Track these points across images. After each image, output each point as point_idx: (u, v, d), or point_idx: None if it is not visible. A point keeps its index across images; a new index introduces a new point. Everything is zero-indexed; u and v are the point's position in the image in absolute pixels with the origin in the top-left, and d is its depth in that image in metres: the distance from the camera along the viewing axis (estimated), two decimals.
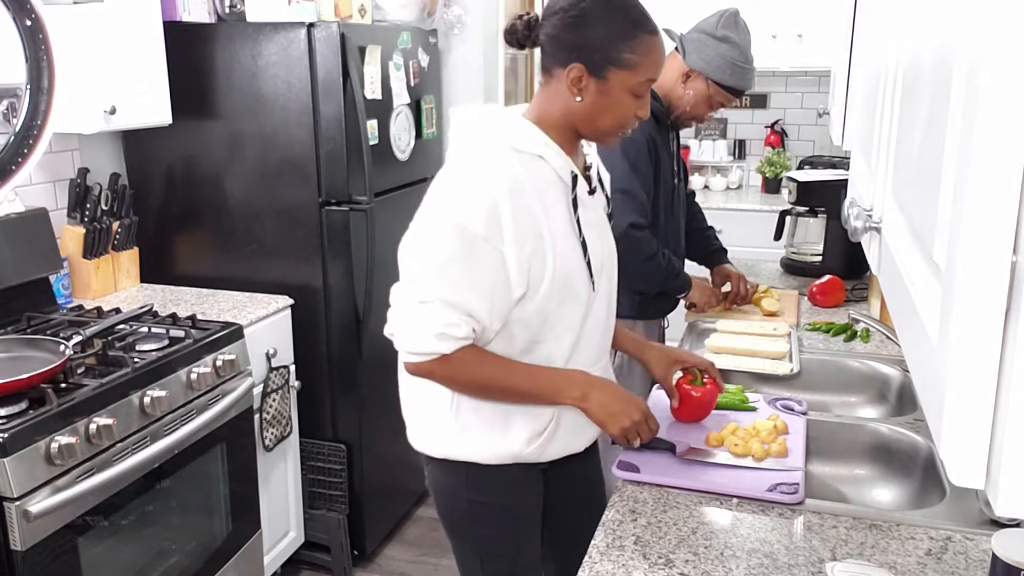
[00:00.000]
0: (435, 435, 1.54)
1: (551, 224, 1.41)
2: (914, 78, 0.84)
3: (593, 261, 1.47)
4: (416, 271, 1.40)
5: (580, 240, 1.46)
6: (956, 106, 0.60)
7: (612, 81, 1.40)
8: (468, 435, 1.50)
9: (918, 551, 1.29)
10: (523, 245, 1.37)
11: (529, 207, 1.38)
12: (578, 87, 1.41)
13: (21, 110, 2.22)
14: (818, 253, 2.88)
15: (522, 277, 1.39)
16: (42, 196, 2.55)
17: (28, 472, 1.69)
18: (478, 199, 1.35)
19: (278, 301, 2.65)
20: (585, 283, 1.47)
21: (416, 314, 1.39)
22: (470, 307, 1.37)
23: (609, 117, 1.43)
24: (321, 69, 2.60)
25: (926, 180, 0.70)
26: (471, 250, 1.35)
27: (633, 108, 1.44)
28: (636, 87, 1.41)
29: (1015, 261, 0.52)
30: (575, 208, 1.45)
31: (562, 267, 1.42)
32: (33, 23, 2.19)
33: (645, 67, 1.40)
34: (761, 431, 1.63)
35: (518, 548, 1.61)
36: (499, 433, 1.49)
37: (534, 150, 1.43)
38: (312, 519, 2.85)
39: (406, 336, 1.41)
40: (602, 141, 1.50)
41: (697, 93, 2.20)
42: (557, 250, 1.41)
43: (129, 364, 1.99)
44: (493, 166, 1.39)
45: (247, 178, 2.75)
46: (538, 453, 1.52)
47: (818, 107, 4.60)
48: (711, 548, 1.31)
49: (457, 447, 1.52)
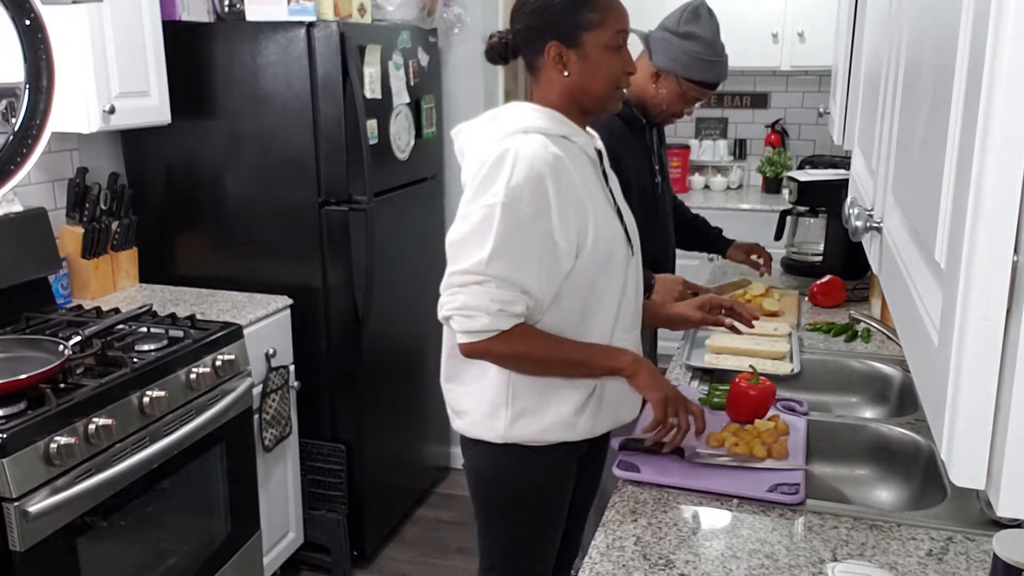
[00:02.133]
0: (492, 422, 1.58)
1: (590, 195, 1.50)
2: (914, 77, 0.83)
3: (628, 229, 1.58)
4: (469, 254, 1.43)
5: (615, 209, 1.57)
6: (957, 105, 0.60)
7: (587, 45, 1.50)
8: (523, 419, 1.56)
9: (919, 551, 1.29)
10: (569, 219, 1.45)
11: (570, 182, 1.46)
12: (561, 63, 1.51)
13: (20, 110, 2.22)
14: (819, 253, 2.88)
15: (571, 249, 1.47)
16: (41, 196, 2.55)
17: (27, 472, 1.69)
18: (523, 178, 1.42)
19: (278, 301, 2.65)
20: (624, 249, 1.57)
21: (473, 294, 1.43)
22: (525, 283, 1.43)
23: (600, 80, 1.52)
24: (321, 69, 2.60)
25: (926, 180, 0.70)
26: (521, 228, 1.41)
27: (619, 65, 1.52)
28: (610, 41, 1.50)
29: (1016, 261, 0.52)
30: (606, 180, 1.57)
31: (604, 235, 1.51)
32: (32, 23, 2.18)
33: (611, 20, 1.50)
34: (762, 431, 1.62)
35: (546, 534, 1.69)
36: (554, 407, 1.56)
37: (559, 131, 1.51)
38: (312, 519, 2.85)
39: (465, 317, 1.44)
40: (606, 107, 1.58)
41: (670, 91, 2.20)
42: (598, 219, 1.50)
43: (128, 364, 1.98)
44: (532, 146, 1.45)
45: (246, 178, 2.75)
46: (591, 423, 1.59)
47: (818, 107, 4.58)
48: (711, 549, 1.30)
49: (517, 429, 1.57)
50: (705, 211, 2.78)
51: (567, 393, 1.56)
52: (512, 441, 1.58)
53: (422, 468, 3.39)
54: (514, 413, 1.56)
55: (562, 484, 1.67)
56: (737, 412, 1.72)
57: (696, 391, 1.88)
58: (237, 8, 2.76)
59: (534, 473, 1.62)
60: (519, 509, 1.66)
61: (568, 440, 1.59)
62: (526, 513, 1.66)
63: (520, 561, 1.70)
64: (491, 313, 1.42)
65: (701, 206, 2.72)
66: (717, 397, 1.80)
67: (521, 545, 1.69)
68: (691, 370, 2.08)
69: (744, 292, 2.58)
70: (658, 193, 2.38)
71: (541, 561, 1.71)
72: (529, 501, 1.65)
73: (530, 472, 1.62)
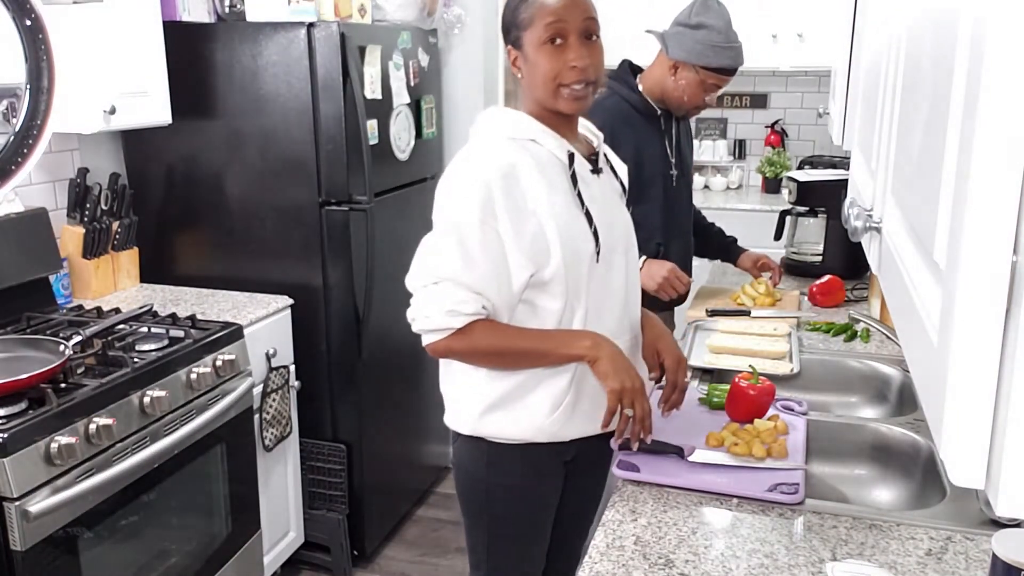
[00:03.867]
0: (463, 412, 1.61)
1: (553, 199, 1.48)
2: (914, 77, 0.84)
3: (600, 233, 1.54)
4: (425, 261, 1.50)
5: (584, 211, 1.53)
6: (956, 105, 0.60)
7: (526, 44, 1.50)
8: (492, 413, 1.57)
9: (918, 551, 1.29)
10: (521, 224, 1.46)
11: (525, 188, 1.47)
12: (516, 67, 1.54)
13: (21, 110, 2.22)
14: (818, 253, 2.88)
15: (523, 255, 1.47)
16: (42, 196, 2.55)
17: (28, 472, 1.69)
18: (470, 187, 1.45)
19: (278, 301, 2.65)
20: (591, 252, 1.53)
21: (427, 297, 1.48)
22: (478, 285, 1.45)
23: (539, 76, 1.49)
24: (321, 69, 2.60)
25: (926, 180, 0.70)
26: (468, 234, 1.44)
27: (558, 60, 1.46)
28: (542, 35, 1.46)
29: (1015, 261, 0.52)
30: (575, 183, 1.53)
31: (568, 238, 1.49)
32: (33, 23, 2.19)
33: (540, 15, 1.46)
34: (761, 431, 1.63)
35: (528, 534, 1.67)
36: (522, 406, 1.55)
37: (526, 135, 1.52)
38: (312, 519, 2.85)
39: (421, 317, 1.49)
40: (556, 107, 1.51)
41: (689, 82, 2.30)
42: (560, 222, 1.48)
43: (129, 364, 1.99)
44: (486, 154, 1.49)
45: (247, 178, 2.75)
46: (559, 426, 1.57)
47: (818, 107, 4.59)
48: (711, 548, 1.31)
49: (482, 424, 1.58)
50: (705, 211, 2.78)
51: (540, 394, 1.55)
52: (481, 435, 1.59)
53: (422, 468, 3.39)
54: (484, 406, 1.57)
55: (540, 485, 1.64)
56: (737, 412, 1.72)
57: (696, 391, 1.89)
58: (237, 8, 2.76)
59: (509, 471, 1.61)
60: (496, 506, 1.64)
61: (537, 441, 1.57)
62: (504, 511, 1.65)
63: (503, 559, 1.69)
64: (443, 313, 1.46)
65: (701, 206, 2.71)
66: (717, 397, 1.80)
67: (502, 543, 1.68)
68: (691, 370, 2.08)
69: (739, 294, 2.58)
70: (673, 185, 2.43)
71: (527, 561, 1.69)
72: (506, 500, 1.63)
73: (504, 469, 1.61)
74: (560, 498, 1.68)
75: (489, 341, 1.49)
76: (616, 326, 1.59)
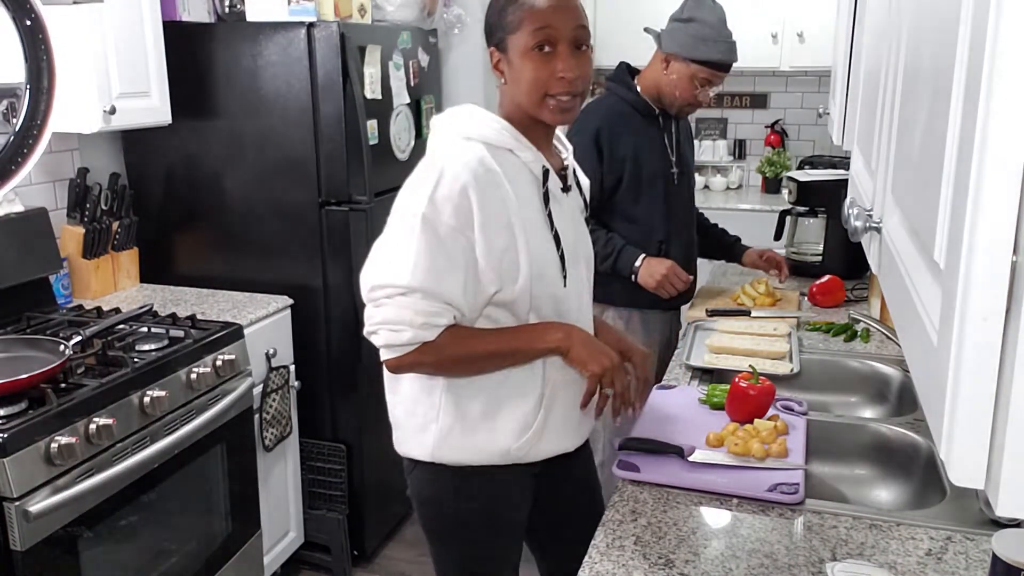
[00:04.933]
0: (421, 438, 1.51)
1: (524, 215, 1.41)
2: (914, 77, 0.84)
3: (567, 256, 1.48)
4: (391, 266, 1.38)
5: (553, 233, 1.46)
6: (956, 105, 0.60)
7: (511, 49, 1.41)
8: (455, 437, 1.48)
9: (918, 551, 1.29)
10: (493, 237, 1.38)
11: (500, 198, 1.39)
12: (499, 70, 1.45)
13: (21, 110, 2.22)
14: (818, 253, 2.88)
15: (492, 271, 1.39)
16: (42, 196, 2.55)
17: (28, 472, 1.69)
18: (446, 189, 1.36)
19: (278, 301, 2.65)
20: (558, 276, 1.47)
21: (397, 307, 1.36)
22: (449, 295, 1.36)
23: (523, 83, 1.41)
24: (321, 69, 2.60)
25: (926, 180, 0.70)
26: (443, 239, 1.35)
27: (545, 69, 1.39)
28: (529, 42, 1.38)
29: (1015, 261, 0.52)
30: (547, 202, 1.46)
31: (537, 257, 1.43)
32: (33, 23, 2.19)
33: (528, 20, 1.38)
34: (761, 431, 1.63)
35: (499, 555, 1.60)
36: (486, 431, 1.48)
37: (502, 143, 1.43)
38: (312, 519, 2.85)
39: (390, 331, 1.38)
40: (541, 115, 1.44)
41: (680, 75, 2.33)
42: (531, 241, 1.42)
43: (129, 364, 1.99)
44: (461, 157, 1.39)
45: (247, 178, 2.75)
46: (527, 450, 1.50)
47: (818, 107, 4.58)
48: (711, 548, 1.31)
49: (445, 449, 1.50)
50: (705, 211, 2.78)
51: (506, 418, 1.48)
52: (441, 462, 1.50)
53: None
54: (443, 431, 1.48)
55: (512, 505, 1.57)
56: (737, 412, 1.72)
57: (696, 391, 1.89)
58: (237, 8, 2.76)
59: (476, 495, 1.53)
60: (467, 532, 1.55)
61: (499, 464, 1.50)
62: (476, 536, 1.56)
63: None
64: (415, 326, 1.35)
65: (701, 206, 2.72)
66: (717, 397, 1.81)
67: (475, 566, 1.60)
68: (691, 370, 2.08)
69: (739, 294, 2.58)
70: (675, 184, 2.45)
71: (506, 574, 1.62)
72: (477, 524, 1.55)
73: (471, 494, 1.52)
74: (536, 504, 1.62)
75: (459, 348, 1.41)
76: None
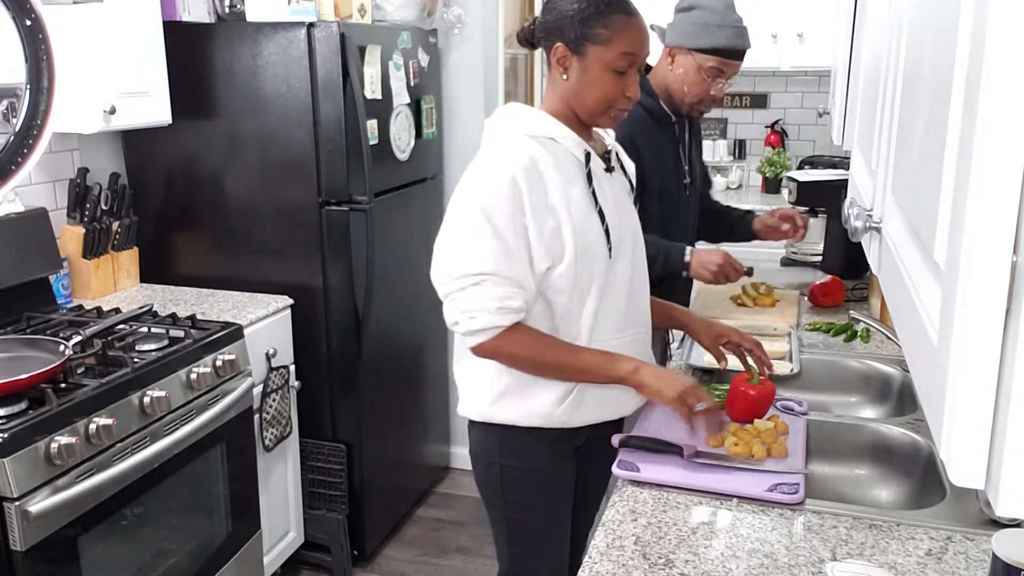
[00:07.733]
0: (475, 400, 1.66)
1: (570, 196, 1.53)
2: (914, 77, 0.84)
3: (612, 231, 1.58)
4: (461, 258, 1.50)
5: (597, 210, 1.57)
6: (956, 105, 0.60)
7: (590, 57, 1.52)
8: (503, 400, 1.62)
9: (918, 551, 1.29)
10: (543, 219, 1.50)
11: (545, 184, 1.51)
12: (563, 65, 1.54)
13: (21, 110, 2.22)
14: (818, 253, 2.88)
15: (542, 248, 1.51)
16: (42, 196, 2.55)
17: (28, 472, 1.69)
18: (498, 180, 1.48)
19: (278, 301, 2.65)
20: (603, 250, 1.57)
21: (471, 296, 1.48)
22: (519, 277, 1.49)
23: (593, 93, 1.53)
24: (321, 69, 2.60)
25: (926, 180, 0.70)
26: (503, 226, 1.47)
27: (618, 86, 1.53)
28: (613, 61, 1.51)
29: (1015, 261, 0.52)
30: (590, 182, 1.57)
31: (582, 233, 1.53)
32: (33, 23, 2.19)
33: (619, 41, 1.50)
34: (761, 431, 1.63)
35: (545, 520, 1.70)
36: (533, 395, 1.60)
37: (546, 133, 1.56)
38: (312, 519, 2.85)
39: (468, 319, 1.49)
40: (596, 122, 1.60)
41: (686, 69, 2.14)
42: (576, 219, 1.53)
43: (129, 364, 1.99)
44: (508, 150, 1.52)
45: (247, 178, 2.75)
46: (569, 414, 1.61)
47: (818, 107, 4.60)
48: (711, 548, 1.31)
49: (494, 410, 1.63)
50: None
51: (549, 385, 1.60)
52: (493, 421, 1.64)
53: (422, 468, 3.39)
54: (496, 393, 1.61)
55: (553, 469, 1.68)
56: (737, 412, 1.72)
57: None
58: (237, 8, 2.76)
59: (521, 455, 1.65)
60: (510, 490, 1.68)
61: (545, 427, 1.62)
62: (518, 496, 1.68)
63: (523, 547, 1.71)
64: (491, 311, 1.47)
65: None
66: (717, 397, 1.80)
67: (520, 528, 1.71)
68: (691, 370, 2.08)
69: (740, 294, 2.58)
70: (684, 196, 2.30)
71: (547, 551, 1.71)
72: (519, 483, 1.67)
73: (517, 453, 1.65)
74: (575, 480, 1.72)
75: (535, 350, 1.54)
76: (622, 320, 1.64)
